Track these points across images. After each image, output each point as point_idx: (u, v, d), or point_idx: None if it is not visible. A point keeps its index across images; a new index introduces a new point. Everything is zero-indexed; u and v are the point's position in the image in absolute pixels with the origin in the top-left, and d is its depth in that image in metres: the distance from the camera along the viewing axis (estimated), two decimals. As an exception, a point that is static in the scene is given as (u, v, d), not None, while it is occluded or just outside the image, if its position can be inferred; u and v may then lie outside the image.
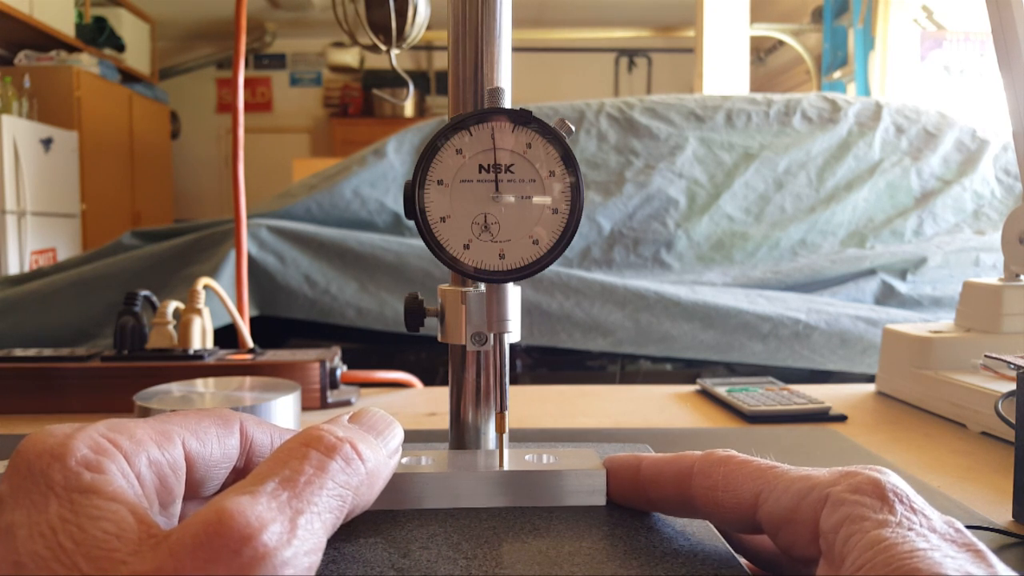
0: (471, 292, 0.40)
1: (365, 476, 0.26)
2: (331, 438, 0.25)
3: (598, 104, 1.78)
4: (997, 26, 0.66)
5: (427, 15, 0.80)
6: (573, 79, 5.97)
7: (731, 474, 0.30)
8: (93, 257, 1.45)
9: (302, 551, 0.21)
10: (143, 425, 0.24)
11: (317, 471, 0.24)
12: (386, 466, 0.28)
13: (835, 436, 0.58)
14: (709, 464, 0.31)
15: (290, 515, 0.21)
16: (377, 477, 0.27)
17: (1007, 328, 0.68)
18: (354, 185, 1.52)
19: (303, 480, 0.23)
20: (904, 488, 0.26)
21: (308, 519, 0.22)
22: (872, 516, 0.24)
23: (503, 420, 0.38)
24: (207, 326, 0.77)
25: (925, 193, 1.69)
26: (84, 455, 0.21)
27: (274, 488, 0.22)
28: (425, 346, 1.40)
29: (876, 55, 3.63)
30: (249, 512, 0.20)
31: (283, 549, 0.20)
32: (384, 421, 0.30)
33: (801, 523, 0.26)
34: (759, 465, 0.30)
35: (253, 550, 0.20)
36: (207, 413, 0.27)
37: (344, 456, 0.25)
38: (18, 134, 3.71)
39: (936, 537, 0.23)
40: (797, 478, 0.28)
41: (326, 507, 0.23)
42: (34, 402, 0.68)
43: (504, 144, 0.36)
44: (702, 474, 0.31)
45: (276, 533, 0.21)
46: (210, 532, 0.20)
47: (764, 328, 1.28)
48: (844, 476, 0.27)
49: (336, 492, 0.24)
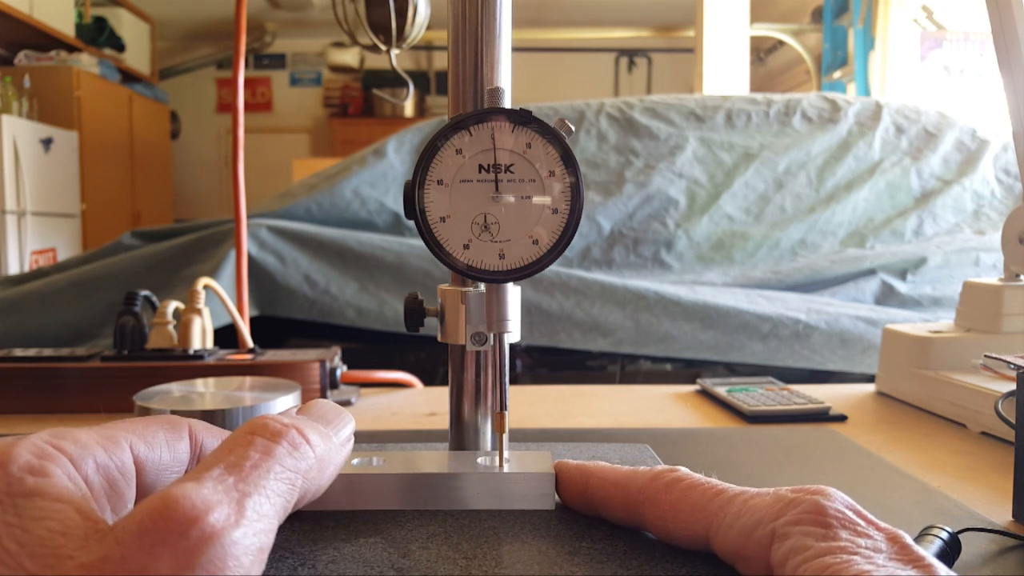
0: (471, 292, 0.40)
1: (314, 461, 0.25)
2: (276, 425, 0.25)
3: (598, 104, 1.78)
4: (997, 26, 0.66)
5: (427, 15, 0.80)
6: (573, 79, 5.97)
7: (678, 504, 0.30)
8: (93, 257, 1.45)
9: (251, 532, 0.21)
10: (89, 431, 0.24)
11: (263, 456, 0.24)
12: (337, 453, 0.28)
13: (835, 436, 0.58)
14: (656, 492, 0.31)
15: (237, 497, 0.21)
16: (327, 463, 0.26)
17: (1007, 328, 0.68)
18: (354, 185, 1.52)
19: (249, 464, 0.23)
20: (846, 511, 0.26)
21: (256, 501, 0.22)
22: (816, 545, 0.24)
23: (503, 420, 0.38)
24: (207, 326, 0.77)
25: (925, 193, 1.69)
26: (27, 461, 0.21)
27: (219, 474, 0.22)
28: (425, 346, 1.40)
29: (876, 55, 3.63)
30: (194, 495, 0.20)
31: (231, 530, 0.20)
32: (334, 411, 0.30)
33: (753, 559, 0.27)
34: (704, 492, 0.30)
35: (200, 531, 0.20)
36: (155, 419, 0.27)
37: (290, 441, 0.25)
38: (18, 134, 3.71)
39: (882, 557, 0.23)
40: (742, 512, 0.28)
41: (275, 490, 0.23)
42: (34, 402, 0.68)
43: (504, 144, 0.36)
44: (650, 503, 0.31)
45: (223, 515, 0.20)
46: (155, 517, 0.20)
47: (764, 328, 1.28)
48: (787, 506, 0.27)
49: (284, 476, 0.24)
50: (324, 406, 0.29)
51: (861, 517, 0.26)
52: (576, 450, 0.48)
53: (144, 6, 5.25)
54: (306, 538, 0.33)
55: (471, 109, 0.41)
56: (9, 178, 3.65)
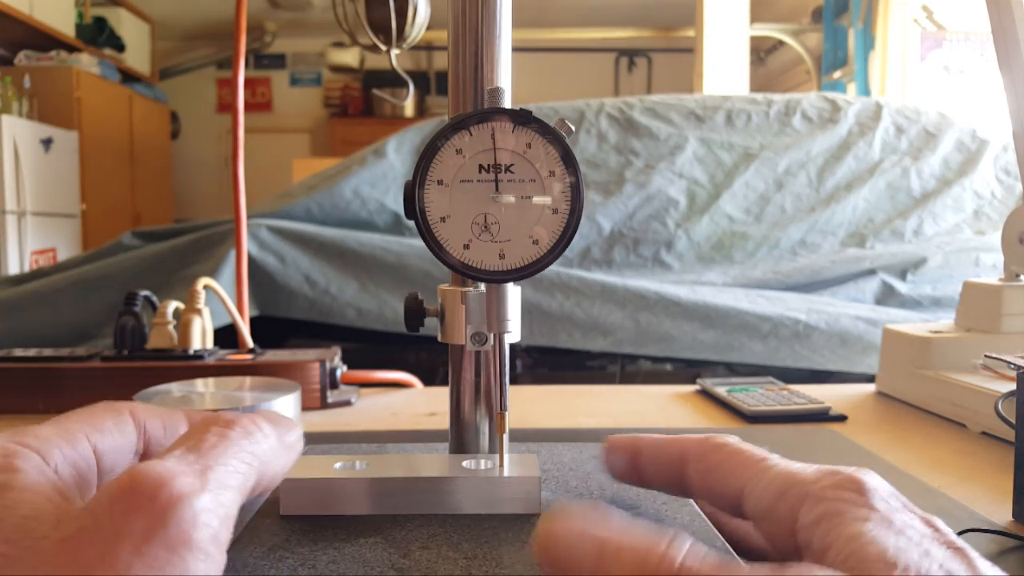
0: (471, 292, 0.40)
1: (269, 447, 0.27)
2: (228, 416, 0.27)
3: (598, 104, 1.78)
4: (997, 26, 0.66)
5: (427, 15, 0.80)
6: (573, 79, 5.96)
7: (724, 462, 0.30)
8: (93, 257, 1.45)
9: (216, 499, 0.22)
10: (46, 427, 0.25)
11: (220, 438, 0.25)
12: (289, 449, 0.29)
13: (835, 436, 0.58)
14: (706, 449, 0.31)
15: (199, 469, 0.23)
16: (279, 453, 0.28)
17: (1007, 328, 0.68)
18: (354, 185, 1.52)
19: (207, 446, 0.24)
20: (884, 487, 0.26)
21: (218, 473, 0.23)
22: (852, 511, 0.24)
23: (503, 420, 0.38)
24: (207, 326, 0.77)
25: (925, 193, 1.69)
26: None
27: (181, 453, 0.24)
28: (425, 346, 1.40)
29: (876, 55, 3.62)
30: (159, 467, 0.22)
31: (197, 494, 0.21)
32: (280, 417, 0.31)
33: (780, 518, 0.27)
34: (750, 456, 0.30)
35: (168, 494, 0.21)
36: (98, 406, 0.28)
37: (244, 427, 0.26)
38: (18, 134, 3.71)
39: (917, 535, 0.23)
40: (780, 473, 0.28)
41: (234, 467, 0.24)
42: (34, 402, 0.68)
43: (504, 144, 0.36)
44: (697, 458, 0.31)
45: (187, 482, 0.22)
46: (124, 488, 0.21)
47: (764, 328, 1.28)
48: (826, 475, 0.27)
49: (241, 456, 0.25)
50: (271, 412, 0.31)
51: (897, 498, 0.26)
52: (576, 450, 0.48)
53: (144, 6, 5.25)
54: (306, 538, 0.33)
55: (471, 109, 0.41)
56: (9, 178, 3.65)
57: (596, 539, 0.23)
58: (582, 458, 0.46)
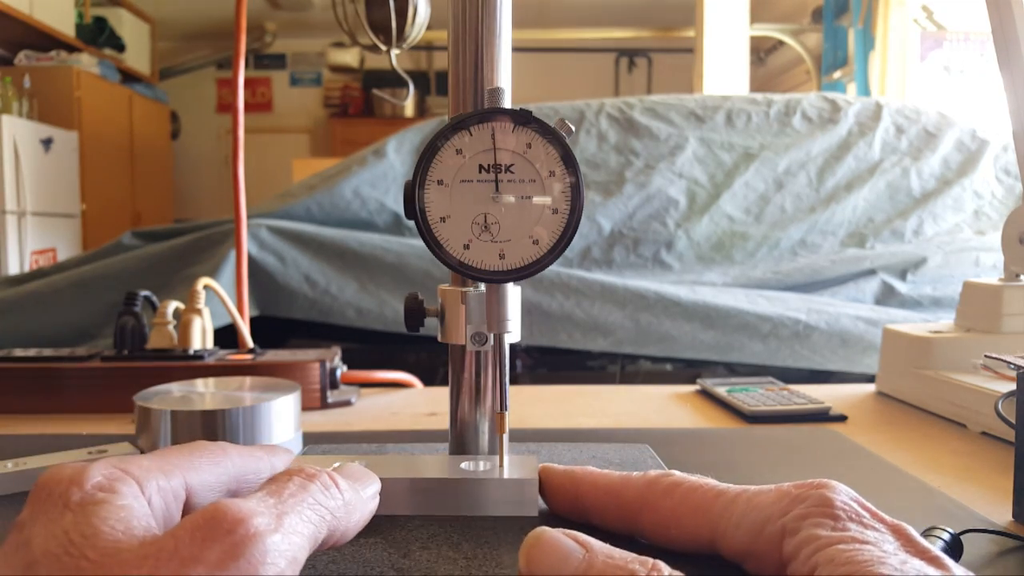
0: (471, 292, 0.40)
1: (343, 503, 0.28)
2: (311, 469, 0.28)
3: (598, 104, 1.78)
4: (997, 26, 0.66)
5: (427, 15, 0.80)
6: (573, 79, 5.96)
7: (679, 508, 0.30)
8: (93, 257, 1.45)
9: (287, 541, 0.24)
10: (148, 458, 0.27)
11: (299, 488, 0.27)
12: (364, 503, 0.30)
13: (835, 436, 0.58)
14: (655, 497, 0.31)
15: (276, 513, 0.24)
16: (354, 509, 0.29)
17: (1007, 328, 0.68)
18: (354, 185, 1.52)
19: (287, 493, 0.26)
20: (852, 503, 0.26)
21: (292, 520, 0.25)
22: (827, 535, 0.25)
23: (503, 420, 0.38)
24: (207, 326, 0.77)
25: (925, 193, 1.69)
26: (99, 481, 0.24)
27: (262, 496, 0.26)
28: (425, 346, 1.40)
29: (876, 55, 3.62)
30: (241, 504, 0.24)
31: (270, 534, 0.23)
32: (361, 471, 0.32)
33: (763, 557, 0.27)
34: (705, 494, 0.30)
35: (245, 530, 0.22)
36: (196, 447, 0.30)
37: (323, 483, 0.28)
38: (18, 134, 3.71)
39: (891, 546, 0.24)
40: (747, 512, 0.28)
41: (307, 517, 0.26)
42: (34, 402, 0.68)
43: (504, 144, 0.36)
44: (649, 508, 0.31)
45: (264, 522, 0.23)
46: (207, 518, 0.23)
47: (764, 328, 1.28)
48: (794, 501, 0.27)
49: (316, 508, 0.27)
50: (353, 467, 0.32)
51: (866, 509, 0.26)
52: (576, 450, 0.48)
53: (144, 6, 5.25)
54: (306, 538, 0.33)
55: (471, 109, 0.41)
56: (9, 178, 3.65)
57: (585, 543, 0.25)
58: (582, 458, 0.46)
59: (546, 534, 0.25)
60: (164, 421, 0.47)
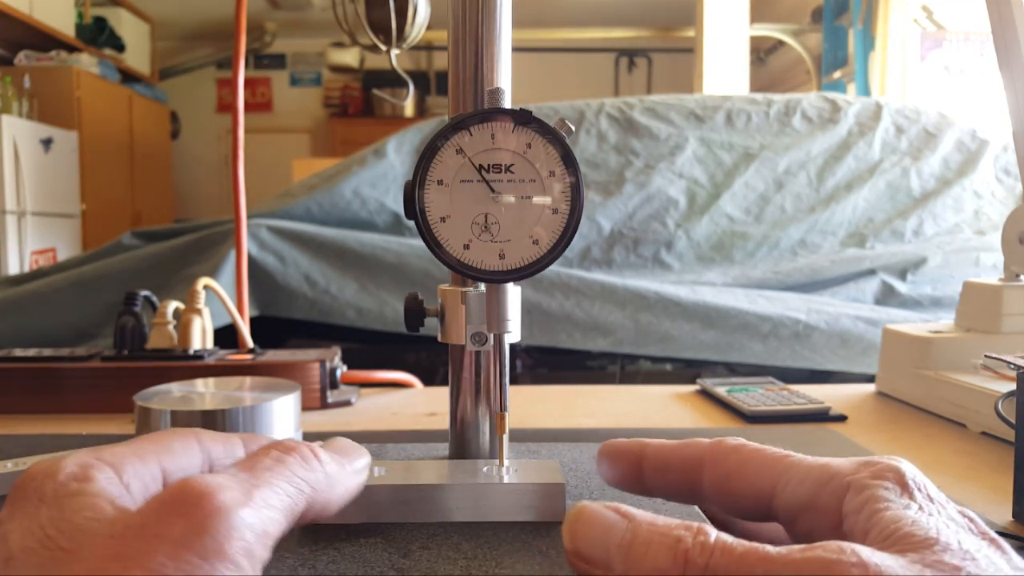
0: (471, 292, 0.40)
1: (323, 475, 0.27)
2: (291, 443, 0.28)
3: (598, 104, 1.78)
4: (997, 26, 0.66)
5: (427, 15, 0.80)
6: (573, 79, 5.96)
7: (744, 463, 0.30)
8: (93, 257, 1.45)
9: (257, 516, 0.23)
10: (120, 446, 0.27)
11: (276, 462, 0.26)
12: (348, 477, 0.29)
13: (835, 436, 0.58)
14: (721, 453, 0.31)
15: (246, 487, 0.24)
16: (337, 482, 0.28)
17: (1007, 328, 0.68)
18: (354, 185, 1.52)
19: (261, 467, 0.26)
20: (922, 478, 0.27)
21: (263, 493, 0.24)
22: (894, 498, 0.25)
23: (503, 421, 0.38)
24: (207, 326, 0.77)
25: (925, 193, 1.69)
26: (72, 471, 0.24)
27: (234, 471, 0.25)
28: (425, 346, 1.40)
29: (876, 55, 3.62)
30: (208, 479, 0.23)
31: (238, 508, 0.23)
32: (350, 445, 0.31)
33: (822, 510, 0.27)
34: (772, 454, 0.30)
35: (210, 504, 0.22)
36: (167, 432, 0.30)
37: (302, 455, 0.27)
38: (18, 134, 3.71)
39: (955, 525, 0.24)
40: (814, 467, 0.28)
41: (283, 490, 0.25)
42: (34, 402, 0.68)
43: (504, 144, 0.36)
44: (714, 463, 0.30)
45: (231, 496, 0.23)
46: (174, 493, 0.23)
47: (764, 328, 1.28)
48: (864, 465, 0.27)
49: (294, 481, 0.26)
50: (341, 440, 0.31)
51: (936, 491, 0.26)
52: (576, 450, 0.48)
53: (144, 6, 5.25)
54: (306, 538, 0.33)
55: (471, 109, 0.41)
56: (9, 178, 3.65)
57: (627, 513, 0.25)
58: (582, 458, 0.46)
59: (588, 508, 0.25)
60: (164, 421, 0.47)
